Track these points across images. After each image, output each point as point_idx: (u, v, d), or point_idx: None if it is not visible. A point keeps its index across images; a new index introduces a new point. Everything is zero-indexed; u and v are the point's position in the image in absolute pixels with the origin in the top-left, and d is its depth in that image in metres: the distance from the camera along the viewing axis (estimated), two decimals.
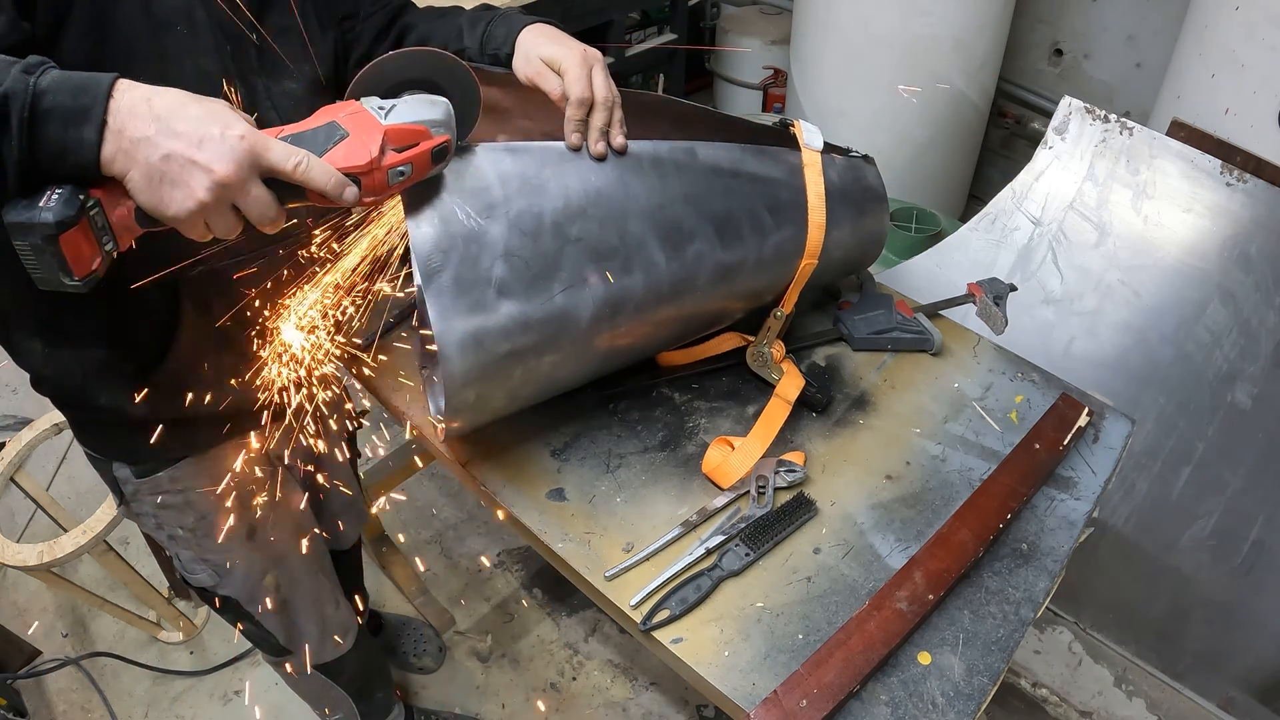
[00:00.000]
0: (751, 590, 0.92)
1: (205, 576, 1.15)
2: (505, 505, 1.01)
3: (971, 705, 0.82)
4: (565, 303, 0.87)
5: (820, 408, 1.12)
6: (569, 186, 0.87)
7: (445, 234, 0.80)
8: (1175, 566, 1.70)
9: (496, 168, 0.85)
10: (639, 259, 0.91)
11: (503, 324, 0.84)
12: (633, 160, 0.92)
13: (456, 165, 0.82)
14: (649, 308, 0.95)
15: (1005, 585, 0.93)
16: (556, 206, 0.86)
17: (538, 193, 0.86)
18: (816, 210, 1.06)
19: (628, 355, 1.02)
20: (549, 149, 0.89)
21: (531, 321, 0.86)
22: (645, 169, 0.93)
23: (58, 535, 1.60)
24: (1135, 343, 1.70)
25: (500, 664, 1.87)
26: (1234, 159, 1.62)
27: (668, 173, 0.94)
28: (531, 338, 0.87)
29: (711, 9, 3.71)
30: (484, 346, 0.84)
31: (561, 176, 0.87)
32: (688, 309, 1.00)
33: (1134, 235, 1.70)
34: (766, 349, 1.12)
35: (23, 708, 1.63)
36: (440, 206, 0.81)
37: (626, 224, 0.90)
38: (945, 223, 2.28)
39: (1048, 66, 2.97)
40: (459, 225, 0.81)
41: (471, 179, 0.83)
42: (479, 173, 0.84)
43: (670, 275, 0.94)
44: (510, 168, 0.85)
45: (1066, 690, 1.81)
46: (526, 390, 0.94)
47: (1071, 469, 1.07)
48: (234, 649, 1.90)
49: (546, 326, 0.87)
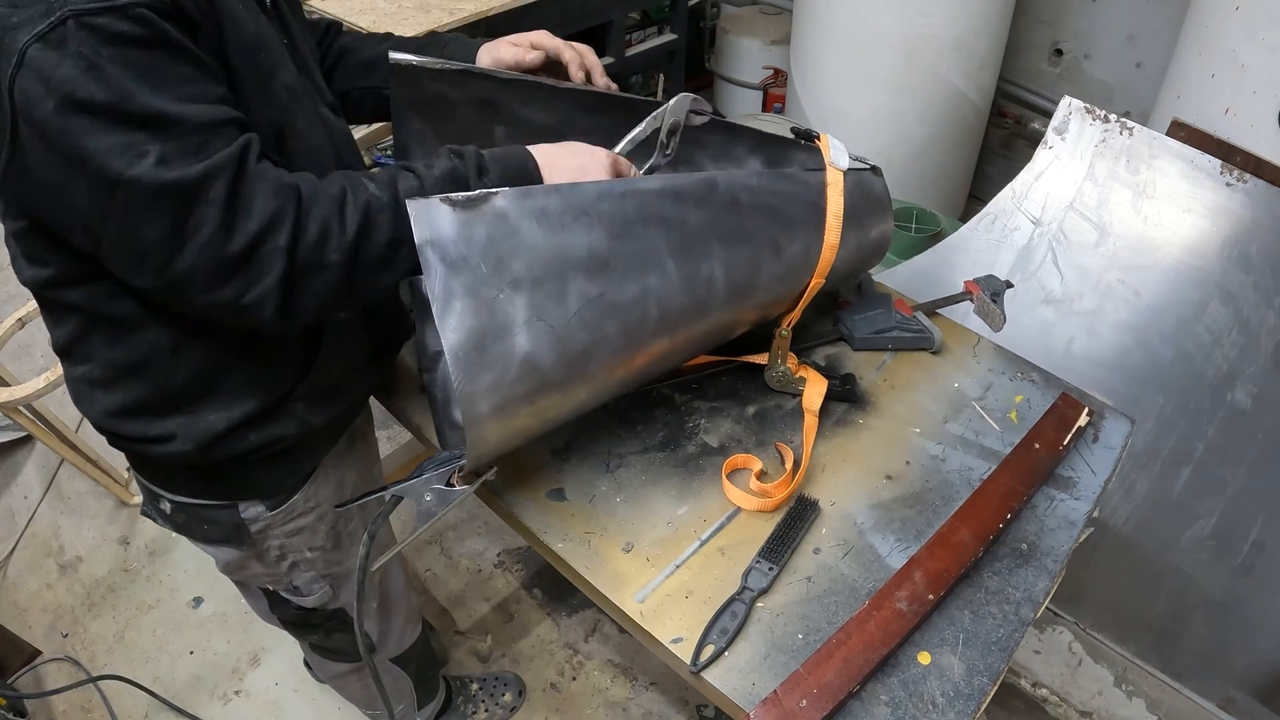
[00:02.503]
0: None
1: (322, 593, 1.13)
2: (505, 505, 1.01)
3: (971, 705, 0.82)
4: (586, 357, 0.85)
5: (852, 398, 1.13)
6: (592, 239, 0.83)
7: (474, 314, 0.76)
8: (1175, 566, 1.70)
9: (522, 225, 0.79)
10: (656, 302, 0.89)
11: (527, 390, 0.82)
12: (654, 199, 0.89)
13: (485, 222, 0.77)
14: (663, 341, 0.93)
15: (1005, 585, 0.93)
16: (579, 264, 0.82)
17: (562, 253, 0.81)
18: (833, 231, 1.04)
19: (639, 382, 1.01)
20: (572, 194, 0.84)
21: (554, 381, 0.84)
22: (666, 208, 0.90)
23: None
24: (1135, 343, 1.70)
25: (500, 664, 1.87)
26: (1234, 159, 1.62)
27: (687, 211, 0.92)
28: (554, 396, 0.85)
29: (711, 9, 3.71)
30: (506, 411, 0.82)
31: (585, 228, 0.83)
32: (699, 333, 0.98)
33: (1134, 235, 1.70)
34: (783, 366, 1.13)
35: (23, 708, 1.63)
36: (470, 282, 0.76)
37: (648, 272, 0.88)
38: (945, 223, 2.28)
39: (1048, 66, 2.97)
40: (487, 301, 0.77)
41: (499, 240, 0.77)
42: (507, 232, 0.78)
43: (685, 309, 0.93)
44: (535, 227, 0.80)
45: (1066, 690, 1.81)
46: (543, 430, 0.93)
47: (1071, 469, 1.07)
48: (237, 651, 1.90)
49: (567, 384, 0.85)
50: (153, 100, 0.67)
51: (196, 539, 1.04)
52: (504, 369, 0.78)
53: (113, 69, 0.65)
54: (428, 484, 0.85)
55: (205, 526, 1.00)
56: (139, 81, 0.67)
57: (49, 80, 0.64)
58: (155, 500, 1.00)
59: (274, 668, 1.87)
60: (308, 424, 0.96)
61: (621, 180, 0.88)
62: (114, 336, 0.85)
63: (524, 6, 2.25)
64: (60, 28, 0.64)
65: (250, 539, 1.02)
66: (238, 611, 1.97)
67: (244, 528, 1.00)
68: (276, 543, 1.04)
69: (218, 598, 2.00)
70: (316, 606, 1.15)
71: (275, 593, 1.13)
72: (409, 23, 2.14)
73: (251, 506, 0.99)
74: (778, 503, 1.00)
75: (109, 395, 0.88)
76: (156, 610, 1.98)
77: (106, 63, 0.65)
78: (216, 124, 0.71)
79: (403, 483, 0.85)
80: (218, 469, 0.94)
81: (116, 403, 0.88)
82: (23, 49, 0.64)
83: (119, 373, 0.87)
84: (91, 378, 0.88)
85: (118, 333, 0.84)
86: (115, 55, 0.65)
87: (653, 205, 0.89)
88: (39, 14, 0.64)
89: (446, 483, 0.86)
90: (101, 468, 2.12)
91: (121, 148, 0.67)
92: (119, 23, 0.65)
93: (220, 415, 0.89)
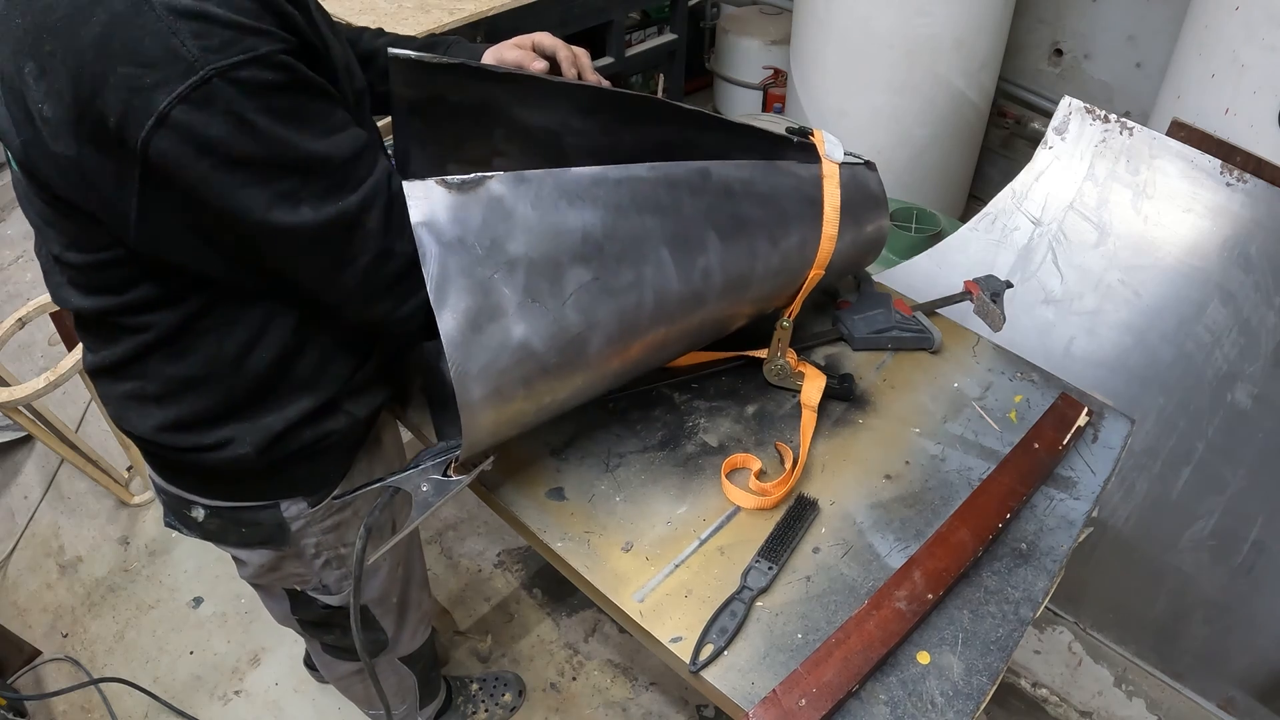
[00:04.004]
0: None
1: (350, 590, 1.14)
2: (504, 504, 1.01)
3: (971, 705, 0.82)
4: (581, 342, 0.85)
5: (849, 396, 1.13)
6: (586, 223, 0.84)
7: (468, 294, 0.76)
8: (1175, 566, 1.70)
9: (517, 207, 0.80)
10: (652, 289, 0.89)
11: (522, 373, 0.82)
12: (648, 186, 0.90)
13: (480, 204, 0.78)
14: (659, 330, 0.93)
15: (1004, 585, 0.93)
16: (574, 248, 0.83)
17: (556, 236, 0.82)
18: (831, 223, 1.05)
19: (634, 374, 1.01)
20: (567, 178, 0.84)
21: (549, 366, 0.84)
22: (661, 195, 0.90)
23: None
24: (1135, 343, 1.70)
25: (500, 664, 1.87)
26: (1234, 159, 1.62)
27: (682, 198, 0.92)
28: (549, 381, 0.85)
29: (711, 9, 3.71)
30: (501, 395, 0.82)
31: (580, 212, 0.84)
32: (695, 323, 0.99)
33: (1134, 235, 1.70)
34: (782, 360, 1.13)
35: (23, 708, 1.63)
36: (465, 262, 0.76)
37: (642, 259, 0.88)
38: (945, 223, 2.28)
39: (1048, 66, 2.97)
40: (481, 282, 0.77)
41: (495, 223, 0.78)
42: (502, 214, 0.79)
43: (681, 298, 0.93)
44: (530, 211, 0.80)
45: (1066, 690, 1.81)
46: (539, 418, 0.93)
47: (1071, 469, 1.07)
48: (237, 651, 1.90)
49: (562, 369, 0.85)
50: (303, 145, 0.68)
51: (230, 544, 1.03)
52: (498, 350, 0.79)
53: (262, 121, 0.65)
54: (424, 474, 0.85)
55: (244, 530, 0.99)
56: (288, 128, 0.67)
57: (200, 140, 0.64)
58: (186, 508, 0.98)
59: (274, 668, 1.87)
60: (355, 416, 0.96)
61: (618, 166, 0.89)
62: (176, 353, 0.84)
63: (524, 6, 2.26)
64: (204, 86, 0.63)
65: (291, 537, 1.01)
66: (238, 611, 1.97)
67: (285, 527, 1.00)
68: (313, 540, 1.04)
69: (218, 598, 2.00)
70: (341, 605, 1.14)
71: (302, 593, 1.13)
72: (409, 23, 2.14)
73: (294, 504, 0.99)
74: (777, 500, 1.00)
75: (164, 410, 0.88)
76: (156, 610, 1.98)
77: (256, 115, 0.65)
78: (359, 152, 0.73)
79: (399, 474, 0.85)
80: (267, 469, 0.94)
81: (172, 416, 0.88)
82: (164, 110, 0.62)
83: (177, 387, 0.86)
84: (145, 394, 0.88)
85: (181, 350, 0.84)
86: (261, 106, 0.65)
87: (647, 192, 0.89)
88: (177, 74, 0.62)
89: (443, 473, 0.86)
90: (101, 468, 2.12)
91: (280, 198, 0.68)
92: (263, 73, 0.65)
93: (277, 416, 0.90)
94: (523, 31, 1.11)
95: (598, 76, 1.08)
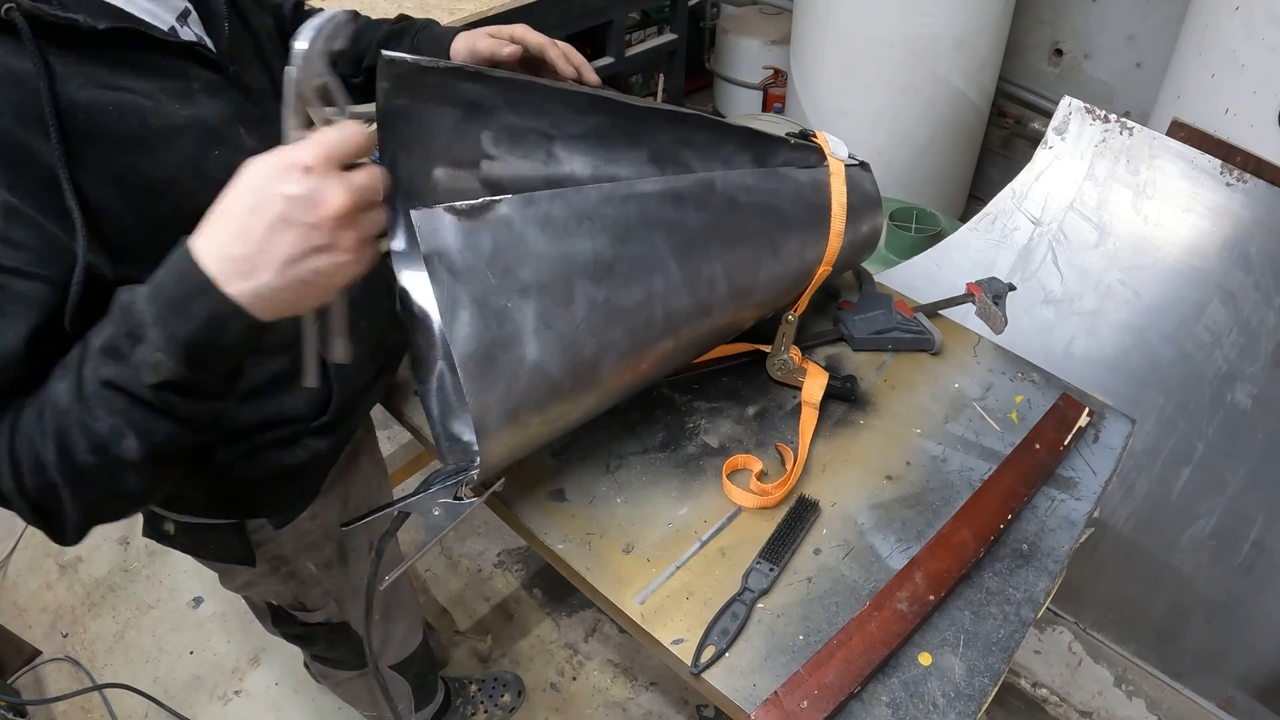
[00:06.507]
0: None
1: (328, 609, 1.12)
2: (505, 506, 1.01)
3: (972, 706, 0.82)
4: (594, 363, 0.85)
5: (851, 397, 1.13)
6: (597, 243, 0.83)
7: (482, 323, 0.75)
8: (1175, 566, 1.70)
9: (527, 231, 0.79)
10: (661, 305, 0.89)
11: (537, 399, 0.81)
12: (655, 202, 0.89)
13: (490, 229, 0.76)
14: (668, 343, 0.93)
15: (1006, 585, 0.93)
16: (585, 269, 0.82)
17: (567, 259, 0.81)
18: (839, 219, 1.06)
19: (643, 387, 1.01)
20: (575, 198, 0.83)
21: (564, 389, 0.83)
22: (668, 211, 0.90)
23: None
24: (1135, 343, 1.70)
25: (500, 664, 1.87)
26: (1234, 159, 1.62)
27: (688, 212, 0.92)
28: (563, 403, 0.85)
29: (711, 9, 3.71)
30: (517, 421, 0.81)
31: (590, 233, 0.83)
32: (703, 333, 0.99)
33: (1134, 235, 1.70)
34: (786, 355, 1.13)
35: (22, 709, 1.62)
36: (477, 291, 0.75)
37: (652, 275, 0.88)
38: (945, 223, 2.28)
39: (1048, 66, 2.97)
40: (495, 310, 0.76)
41: (506, 248, 0.77)
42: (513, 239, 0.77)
43: (689, 310, 0.93)
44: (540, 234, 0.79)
45: (1066, 690, 1.81)
46: (552, 438, 0.93)
47: (1072, 469, 1.07)
48: (237, 651, 1.90)
49: (576, 390, 0.85)
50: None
51: (204, 557, 1.03)
52: (514, 378, 0.78)
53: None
54: (435, 498, 0.84)
55: (212, 545, 0.99)
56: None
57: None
58: (158, 522, 0.99)
59: (274, 668, 1.87)
60: (315, 450, 0.96)
61: (624, 184, 0.88)
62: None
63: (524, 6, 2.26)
64: None
65: (258, 557, 1.01)
66: (238, 612, 1.97)
67: (250, 546, 0.99)
68: (284, 560, 1.04)
69: (218, 598, 2.00)
70: (322, 621, 1.14)
71: (280, 608, 1.13)
72: None
73: (258, 525, 0.98)
74: (778, 498, 1.00)
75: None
76: (156, 610, 1.98)
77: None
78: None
79: (410, 498, 0.84)
80: (226, 493, 0.93)
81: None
82: None
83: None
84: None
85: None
86: None
87: (654, 208, 0.88)
88: None
89: (454, 496, 0.85)
90: None
91: None
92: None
93: (230, 450, 0.89)
94: None
95: (596, 78, 1.08)
